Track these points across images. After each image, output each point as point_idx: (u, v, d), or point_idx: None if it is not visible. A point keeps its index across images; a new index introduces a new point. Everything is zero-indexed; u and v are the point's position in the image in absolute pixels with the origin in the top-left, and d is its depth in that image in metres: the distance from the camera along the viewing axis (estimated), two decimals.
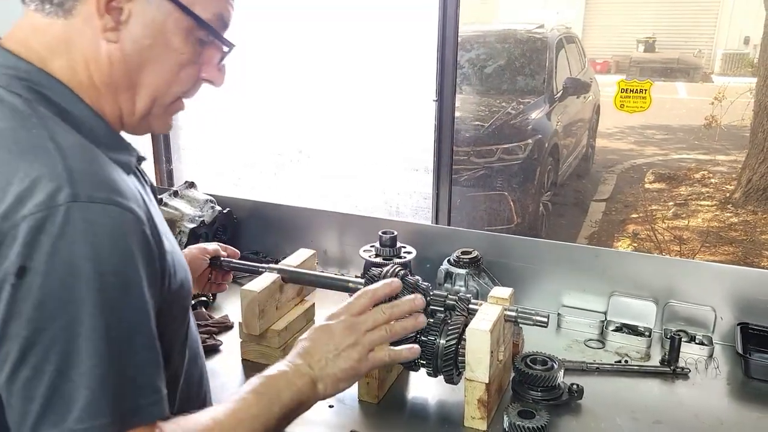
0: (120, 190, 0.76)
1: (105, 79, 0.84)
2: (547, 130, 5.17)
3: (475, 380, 1.28)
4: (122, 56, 0.83)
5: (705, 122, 6.20)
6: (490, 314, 1.31)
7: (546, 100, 5.31)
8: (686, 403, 1.40)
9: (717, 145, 6.75)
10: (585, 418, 1.35)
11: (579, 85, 5.89)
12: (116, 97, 0.86)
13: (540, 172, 4.97)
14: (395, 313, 1.06)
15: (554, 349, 1.54)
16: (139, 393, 0.75)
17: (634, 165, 7.05)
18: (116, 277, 0.72)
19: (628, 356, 1.58)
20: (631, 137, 7.69)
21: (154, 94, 0.88)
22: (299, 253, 1.69)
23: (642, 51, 10.05)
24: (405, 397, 1.43)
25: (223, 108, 2.50)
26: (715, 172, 6.52)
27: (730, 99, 5.84)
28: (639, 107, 1.76)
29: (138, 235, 0.76)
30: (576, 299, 1.78)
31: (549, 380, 1.37)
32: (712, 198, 6.05)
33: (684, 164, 6.90)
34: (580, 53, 6.16)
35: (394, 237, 1.76)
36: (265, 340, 1.53)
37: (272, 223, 2.14)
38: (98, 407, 0.70)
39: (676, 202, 6.02)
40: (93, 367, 0.70)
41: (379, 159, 2.40)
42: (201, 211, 2.02)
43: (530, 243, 1.84)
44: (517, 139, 4.93)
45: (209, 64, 0.92)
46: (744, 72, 9.71)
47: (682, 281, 1.67)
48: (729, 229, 5.51)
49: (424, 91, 2.06)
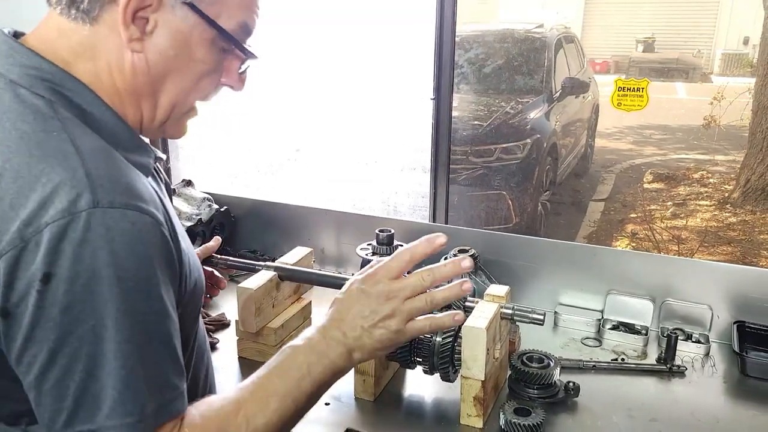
0: (139, 194, 0.77)
1: (128, 86, 0.84)
2: (546, 130, 5.17)
3: (471, 378, 1.28)
4: (146, 66, 0.83)
5: (704, 122, 6.21)
6: (487, 312, 1.31)
7: (545, 99, 5.32)
8: (682, 401, 1.40)
9: (716, 145, 6.77)
10: (581, 415, 1.35)
11: (578, 85, 5.89)
12: (138, 104, 0.86)
13: (539, 171, 4.96)
14: (437, 278, 0.94)
15: (551, 347, 1.54)
16: (162, 391, 0.77)
17: (633, 165, 7.06)
18: (137, 281, 0.74)
19: (624, 354, 1.58)
20: (629, 137, 7.71)
21: (175, 101, 0.88)
22: (296, 251, 1.69)
23: (641, 51, 10.05)
24: (401, 394, 1.43)
25: (222, 106, 2.50)
26: (714, 172, 6.54)
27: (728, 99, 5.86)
28: (636, 105, 1.76)
29: (157, 238, 0.77)
30: (573, 298, 1.78)
31: (545, 378, 1.37)
32: (710, 198, 6.07)
33: (683, 164, 6.91)
34: (579, 53, 6.17)
35: (391, 235, 1.76)
36: (262, 337, 1.53)
37: (270, 222, 2.14)
38: (125, 407, 0.73)
39: (675, 202, 6.03)
40: (119, 368, 0.72)
41: (376, 158, 2.41)
42: (198, 210, 2.02)
43: (527, 241, 1.84)
44: (516, 138, 4.93)
45: (230, 71, 0.92)
46: (743, 72, 9.72)
47: (678, 279, 1.67)
48: (727, 228, 5.52)
49: (421, 90, 2.07)
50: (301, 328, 1.64)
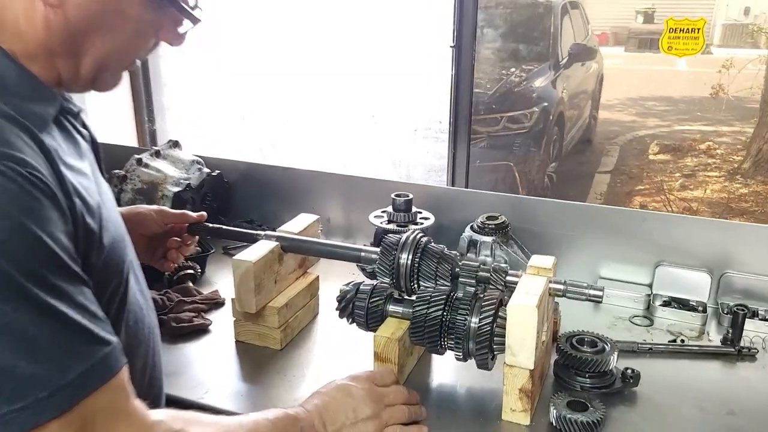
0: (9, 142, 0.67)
1: (40, 43, 0.75)
2: (553, 98, 5.07)
3: (517, 366, 1.06)
4: (64, 22, 0.75)
5: (712, 91, 6.10)
6: (534, 287, 1.09)
7: (551, 66, 5.16)
8: (760, 390, 1.19)
9: (720, 116, 6.66)
10: (644, 408, 1.14)
11: (585, 51, 5.78)
12: (52, 62, 0.78)
13: (546, 142, 4.86)
14: (413, 397, 1.06)
15: (595, 327, 1.33)
16: (80, 353, 0.67)
17: (637, 136, 6.96)
18: (11, 239, 0.63)
19: (682, 335, 1.37)
20: (632, 108, 7.58)
21: (102, 62, 0.81)
22: (300, 218, 1.46)
23: (641, 22, 9.82)
24: (428, 384, 1.22)
25: (216, 63, 2.26)
26: (720, 144, 6.43)
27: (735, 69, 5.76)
28: (691, 49, 1.53)
29: (31, 188, 0.66)
30: (616, 270, 1.57)
31: (601, 365, 1.15)
32: (719, 169, 5.97)
33: (688, 135, 6.81)
34: (584, 20, 6.02)
35: (409, 200, 1.53)
36: (262, 319, 1.31)
37: (268, 188, 1.90)
38: (30, 383, 0.62)
39: (683, 174, 5.92)
40: (10, 344, 0.62)
41: (386, 121, 2.17)
42: (187, 174, 1.79)
43: (563, 207, 1.62)
44: (522, 107, 4.78)
45: (168, 29, 0.84)
46: (743, 43, 9.52)
47: (739, 248, 1.46)
48: (739, 200, 5.44)
49: (439, 38, 1.83)
50: (308, 307, 1.42)
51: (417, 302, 1.16)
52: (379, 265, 1.20)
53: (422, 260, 1.19)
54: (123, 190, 1.73)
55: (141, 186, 1.73)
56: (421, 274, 1.18)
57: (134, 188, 1.73)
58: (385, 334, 1.16)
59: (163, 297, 1.43)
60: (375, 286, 1.23)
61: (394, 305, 1.21)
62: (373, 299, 1.21)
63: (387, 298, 1.21)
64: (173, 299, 1.43)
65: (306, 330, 1.40)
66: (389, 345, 1.15)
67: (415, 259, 1.18)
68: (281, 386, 1.20)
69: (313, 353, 1.32)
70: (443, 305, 1.14)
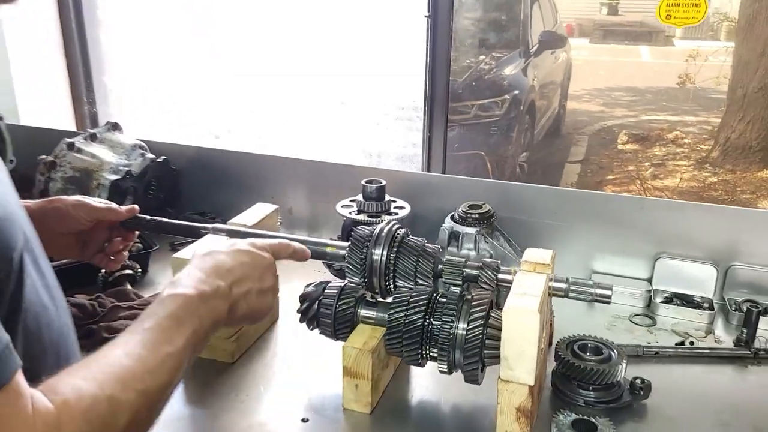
0: None
1: None
2: (524, 86, 5.01)
3: (515, 382, 0.89)
4: None
5: (679, 81, 6.16)
6: (533, 287, 0.92)
7: (521, 54, 5.09)
8: None
9: (686, 107, 6.74)
10: (658, 425, 0.98)
11: (555, 39, 5.77)
12: None
13: (517, 131, 4.79)
14: None
15: (593, 328, 1.18)
16: None
17: (605, 126, 7.00)
18: None
19: (689, 335, 1.22)
20: (599, 99, 7.65)
21: None
22: (256, 208, 1.28)
23: (605, 14, 9.88)
24: (407, 402, 1.05)
25: (170, 39, 2.03)
26: (687, 133, 6.50)
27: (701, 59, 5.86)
28: (691, 17, 1.38)
29: None
30: (611, 264, 1.42)
31: (609, 376, 0.99)
32: (688, 158, 6.01)
33: (655, 125, 6.87)
34: (553, 8, 5.99)
35: (381, 187, 1.35)
36: None
37: (222, 176, 1.69)
38: None
39: (653, 163, 5.94)
40: None
41: (354, 99, 1.98)
42: (127, 160, 1.57)
43: (552, 193, 1.47)
44: (493, 95, 4.69)
45: None
46: (704, 36, 9.68)
47: (747, 237, 1.32)
48: (708, 188, 5.48)
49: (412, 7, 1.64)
50: None
51: (393, 305, 0.98)
52: (349, 261, 1.04)
53: (399, 256, 1.02)
54: (51, 179, 1.50)
55: (73, 174, 1.51)
56: (398, 273, 1.03)
57: (65, 176, 1.50)
58: (356, 344, 0.98)
59: (94, 302, 1.22)
60: (344, 287, 1.05)
61: (367, 309, 1.03)
62: (342, 302, 1.03)
63: (358, 300, 1.04)
64: (106, 305, 1.22)
65: (263, 339, 1.21)
66: (361, 357, 0.97)
67: (391, 254, 1.02)
68: (233, 409, 1.01)
69: (272, 368, 1.12)
70: (424, 309, 0.97)
